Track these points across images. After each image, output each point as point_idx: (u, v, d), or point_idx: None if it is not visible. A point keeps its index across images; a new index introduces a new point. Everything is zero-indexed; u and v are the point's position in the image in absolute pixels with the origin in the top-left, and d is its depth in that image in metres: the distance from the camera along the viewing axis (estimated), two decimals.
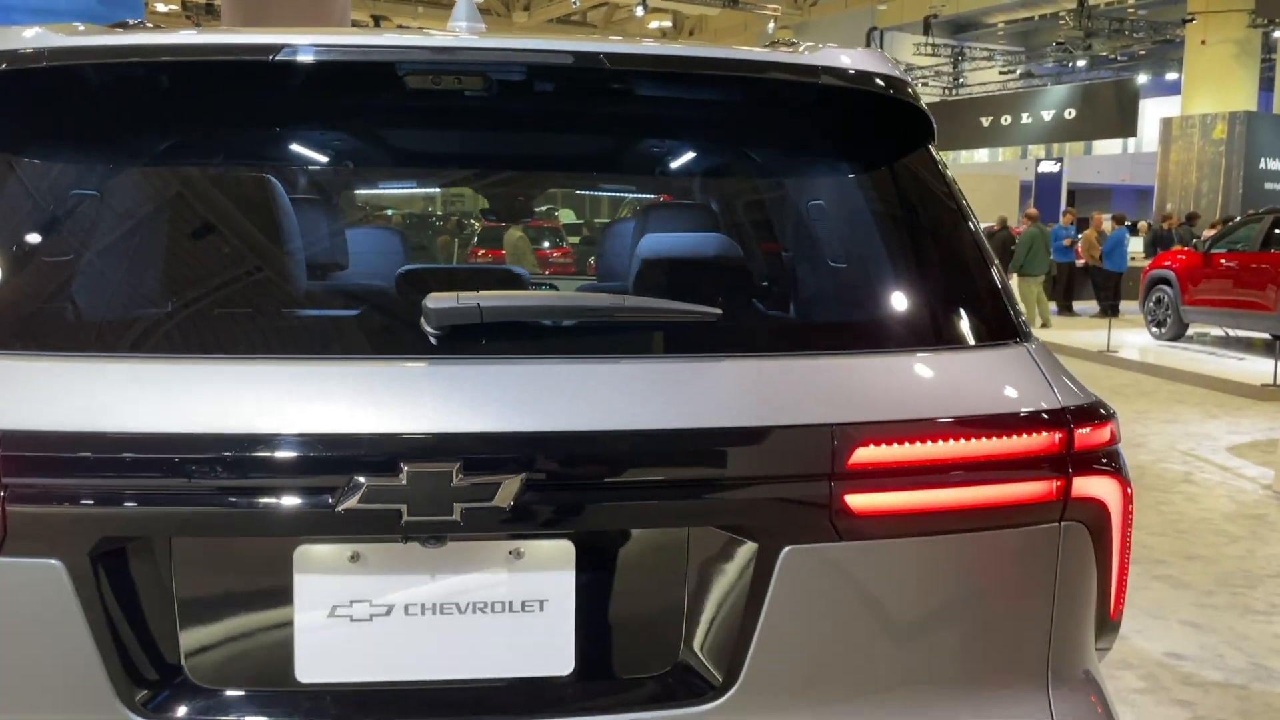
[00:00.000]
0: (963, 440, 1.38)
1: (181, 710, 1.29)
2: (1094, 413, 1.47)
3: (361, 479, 1.22)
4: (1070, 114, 30.51)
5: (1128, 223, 19.41)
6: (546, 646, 1.34)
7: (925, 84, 37.14)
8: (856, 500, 1.34)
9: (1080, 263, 18.97)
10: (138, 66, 1.43)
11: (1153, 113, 32.32)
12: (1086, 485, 1.45)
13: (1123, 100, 28.63)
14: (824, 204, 1.63)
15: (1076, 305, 19.40)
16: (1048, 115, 31.50)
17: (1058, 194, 37.54)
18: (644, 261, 1.70)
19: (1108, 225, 18.82)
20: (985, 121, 33.97)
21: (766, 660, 1.34)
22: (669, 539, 1.36)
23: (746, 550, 1.33)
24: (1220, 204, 22.68)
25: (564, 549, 1.33)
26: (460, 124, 1.63)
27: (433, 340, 1.31)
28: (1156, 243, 18.99)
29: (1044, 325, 16.96)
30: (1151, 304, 14.57)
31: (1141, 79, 31.76)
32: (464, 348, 1.32)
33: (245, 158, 1.60)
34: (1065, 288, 19.22)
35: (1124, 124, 29.02)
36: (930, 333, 1.48)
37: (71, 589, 1.24)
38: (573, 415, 1.28)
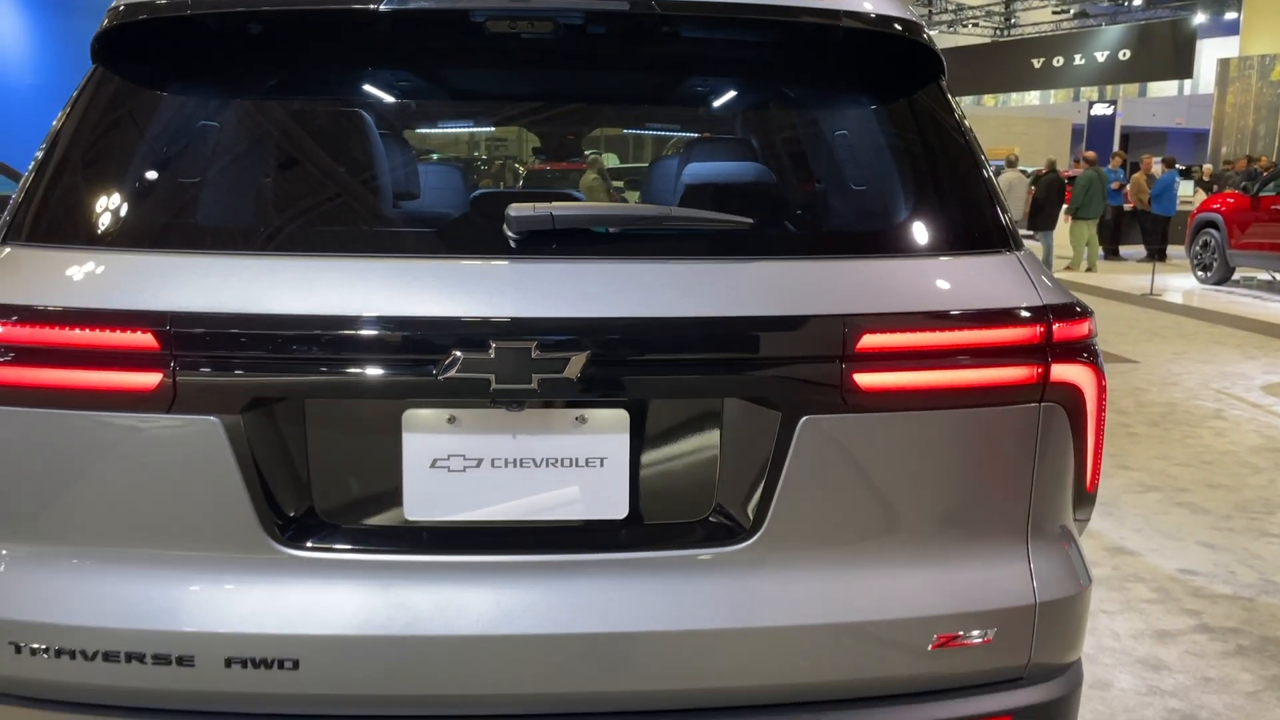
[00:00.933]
0: (954, 330, 1.64)
1: (312, 541, 1.60)
2: (1071, 310, 1.72)
3: (458, 354, 1.50)
4: (1125, 55, 29.96)
5: (1179, 166, 19.21)
6: (605, 496, 1.62)
7: (976, 24, 36.59)
8: (864, 379, 1.60)
9: (1128, 206, 18.85)
10: (261, 15, 1.70)
11: (1210, 53, 31.67)
12: (1063, 372, 1.70)
13: (1179, 40, 28.08)
14: (843, 132, 1.88)
15: (1123, 250, 19.30)
16: (1101, 56, 30.96)
17: (1111, 137, 36.94)
18: (687, 186, 1.97)
19: (1157, 169, 18.63)
20: (1037, 63, 33.44)
21: (787, 510, 1.62)
22: (707, 408, 1.64)
23: (771, 418, 1.61)
24: (1278, 147, 22.29)
25: (620, 416, 1.61)
26: (535, 64, 1.89)
27: (513, 244, 1.59)
28: (1215, 186, 18.75)
29: (1089, 269, 16.94)
30: (1198, 248, 14.54)
31: (1199, 18, 31.04)
32: (538, 249, 1.59)
33: (362, 94, 1.88)
34: (1112, 232, 19.11)
35: (1180, 65, 28.49)
36: (932, 241, 1.73)
37: (226, 441, 1.55)
38: (628, 304, 1.56)
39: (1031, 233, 17.42)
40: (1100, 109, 37.68)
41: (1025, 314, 1.67)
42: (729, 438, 1.64)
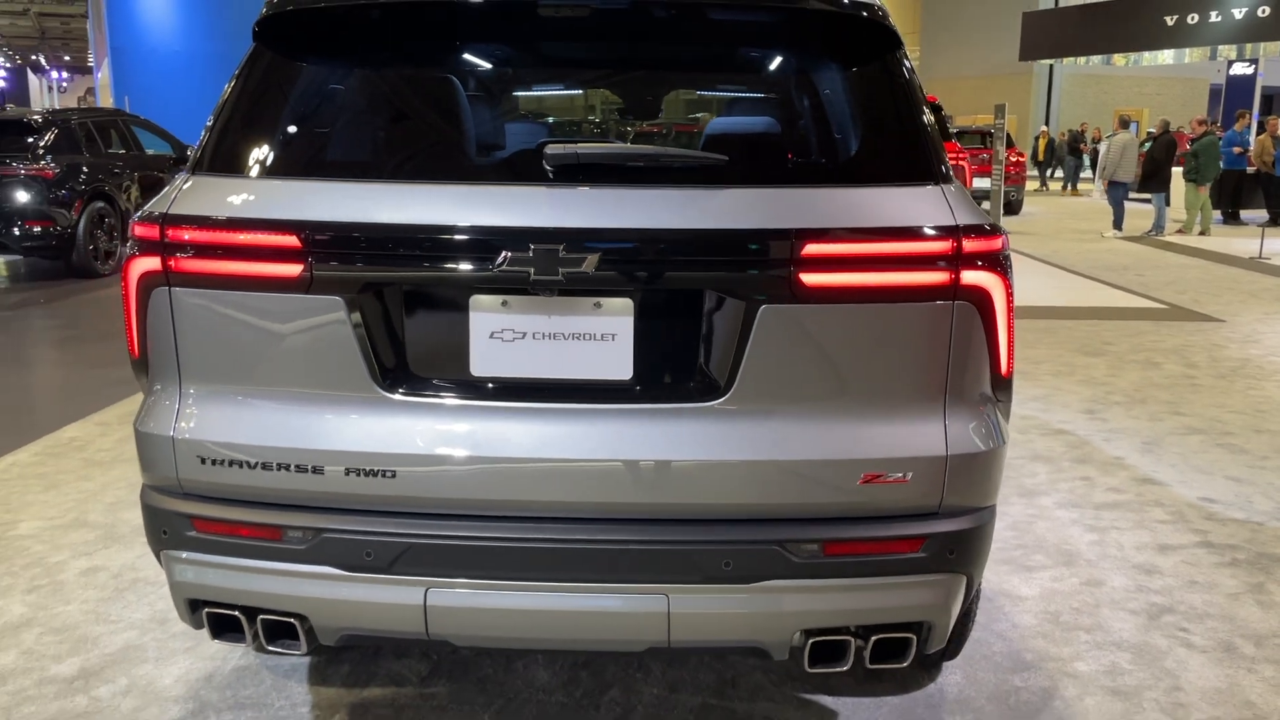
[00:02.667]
0: (879, 241, 2.15)
1: (404, 389, 2.22)
2: (980, 229, 2.22)
3: (507, 252, 2.10)
4: (1264, 11, 28.78)
5: None
6: (615, 362, 2.20)
7: None
8: (808, 277, 2.14)
9: (1251, 169, 18.42)
10: (379, 4, 2.32)
11: None
12: (972, 277, 2.20)
13: None
14: (812, 91, 2.41)
15: (1245, 214, 18.87)
16: (1239, 13, 29.79)
17: (1251, 98, 35.49)
18: (706, 137, 2.53)
19: None
20: (1170, 20, 32.33)
21: (751, 375, 2.17)
22: (691, 298, 2.19)
23: (739, 306, 2.15)
24: None
25: (626, 303, 2.19)
26: (580, 42, 2.46)
27: (550, 174, 2.18)
28: None
29: (1202, 233, 16.70)
30: None
31: None
32: (569, 178, 2.18)
33: (454, 65, 2.49)
34: (1233, 195, 18.70)
35: None
36: (869, 176, 2.25)
37: (346, 315, 2.18)
38: (631, 219, 2.12)
39: (1147, 196, 17.24)
40: (1239, 68, 36.21)
41: (938, 230, 2.18)
42: (708, 320, 2.20)
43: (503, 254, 2.11)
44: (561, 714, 2.93)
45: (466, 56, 2.48)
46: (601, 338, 2.20)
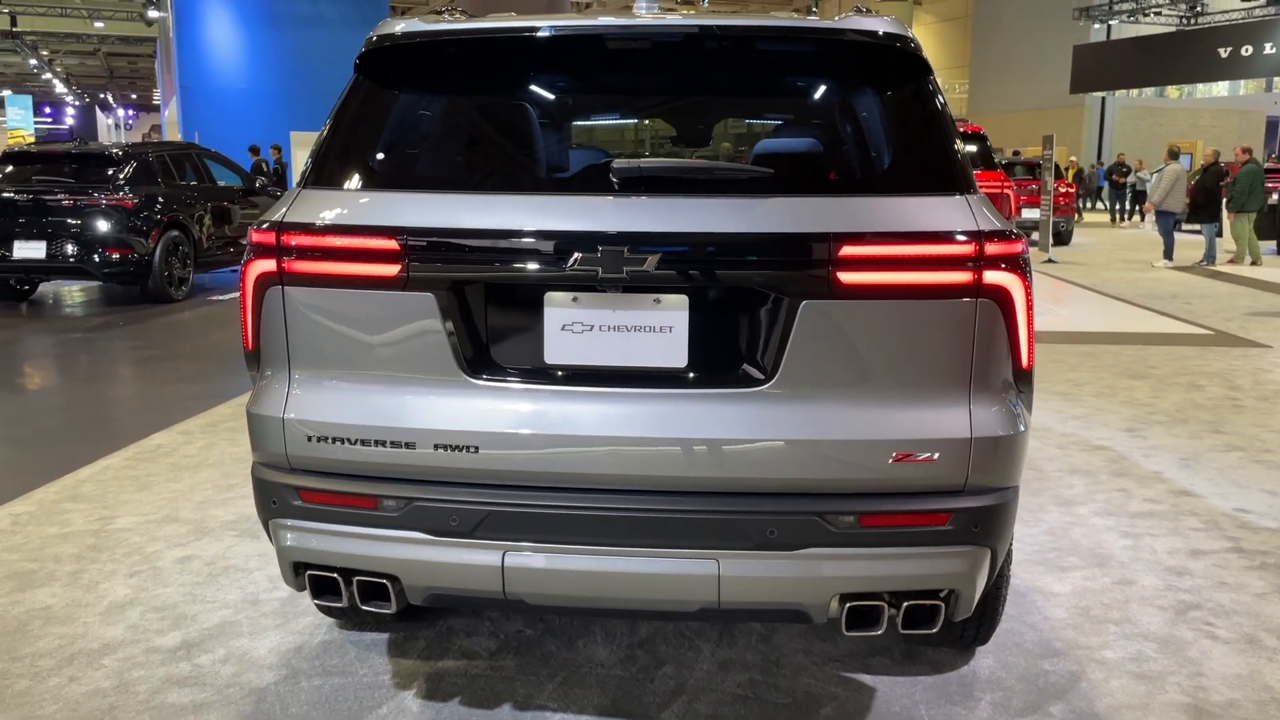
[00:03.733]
0: (909, 244, 2.42)
1: (487, 374, 2.52)
2: (1002, 234, 2.47)
3: (578, 254, 2.40)
4: None
5: None
6: (672, 352, 2.47)
7: (1159, 13, 35.43)
8: (845, 276, 2.40)
9: None
10: (460, 42, 2.65)
11: None
12: (993, 277, 2.45)
13: None
14: (852, 113, 2.70)
15: None
16: None
17: None
18: (755, 154, 2.82)
19: None
20: (1223, 52, 32.26)
21: (793, 364, 2.44)
22: (741, 295, 2.47)
23: (782, 302, 2.42)
24: None
25: (681, 299, 2.46)
26: (640, 73, 2.76)
27: (616, 186, 2.48)
28: None
29: (1254, 263, 16.67)
30: None
31: None
32: (633, 190, 2.47)
33: (528, 95, 2.81)
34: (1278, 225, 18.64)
35: None
36: (900, 186, 2.52)
37: (437, 309, 2.48)
38: (687, 224, 2.41)
39: (1196, 226, 17.24)
40: None
41: (962, 235, 2.44)
42: (754, 315, 2.47)
43: (574, 255, 2.40)
44: (620, 686, 3.18)
45: (539, 84, 2.80)
46: (660, 330, 2.48)
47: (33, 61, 43.68)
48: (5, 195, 11.42)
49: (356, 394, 2.56)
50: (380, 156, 2.66)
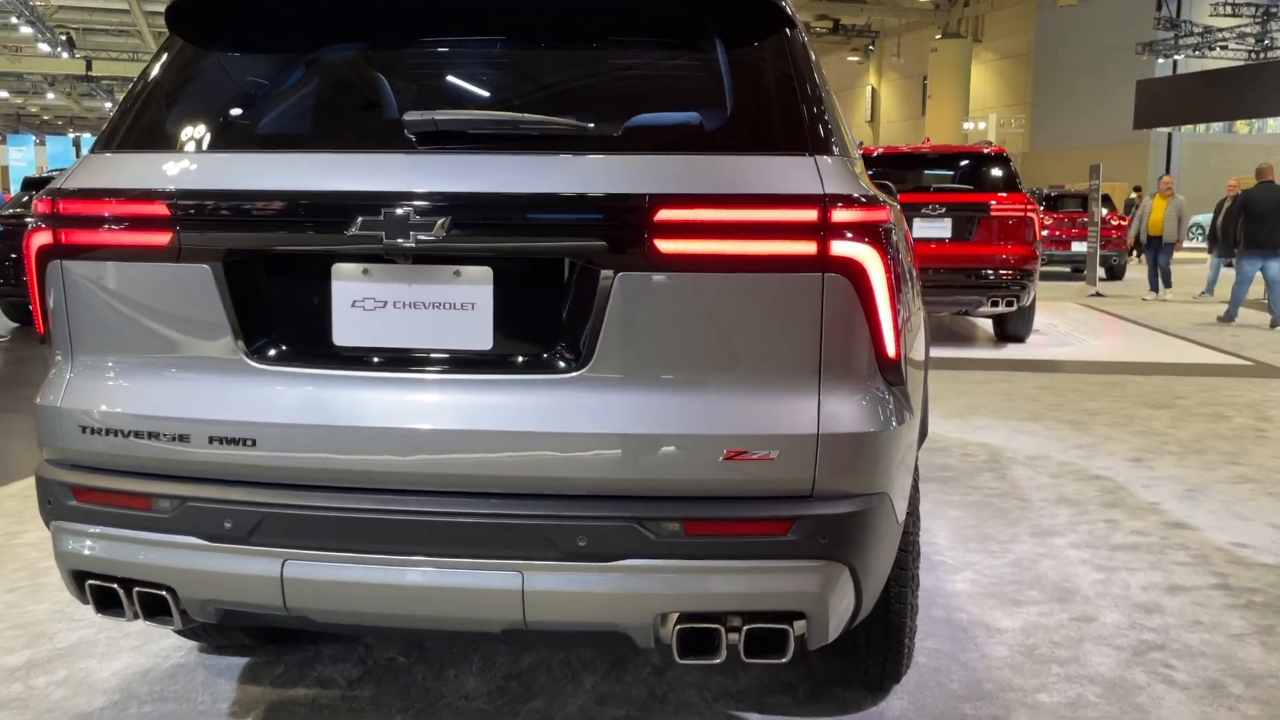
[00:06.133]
0: (737, 208, 2.09)
1: (269, 357, 2.23)
2: (851, 199, 2.13)
3: (362, 219, 2.10)
4: None
5: None
6: (475, 332, 2.17)
7: (1225, 47, 34.49)
8: (664, 244, 2.07)
9: None
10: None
11: None
12: (841, 248, 2.11)
13: None
14: (683, 60, 2.37)
15: None
16: None
17: None
18: (563, 102, 2.36)
19: None
20: None
21: (610, 346, 2.11)
22: (548, 267, 2.16)
23: (596, 274, 2.10)
24: None
25: (485, 271, 2.16)
26: (458, 15, 2.43)
27: (412, 142, 2.19)
28: None
29: None
30: None
31: None
32: (428, 146, 2.18)
33: (322, 47, 2.48)
34: None
35: None
36: (736, 143, 2.20)
37: (214, 282, 2.21)
38: (484, 183, 2.11)
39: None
40: None
41: (802, 198, 2.10)
42: (566, 290, 2.16)
43: (358, 220, 2.11)
44: (478, 719, 2.85)
45: (331, 34, 2.50)
46: (461, 307, 2.18)
47: (108, 104, 45.05)
48: None
49: (131, 380, 2.30)
50: (168, 117, 2.40)
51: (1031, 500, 5.02)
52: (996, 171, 10.25)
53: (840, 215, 2.11)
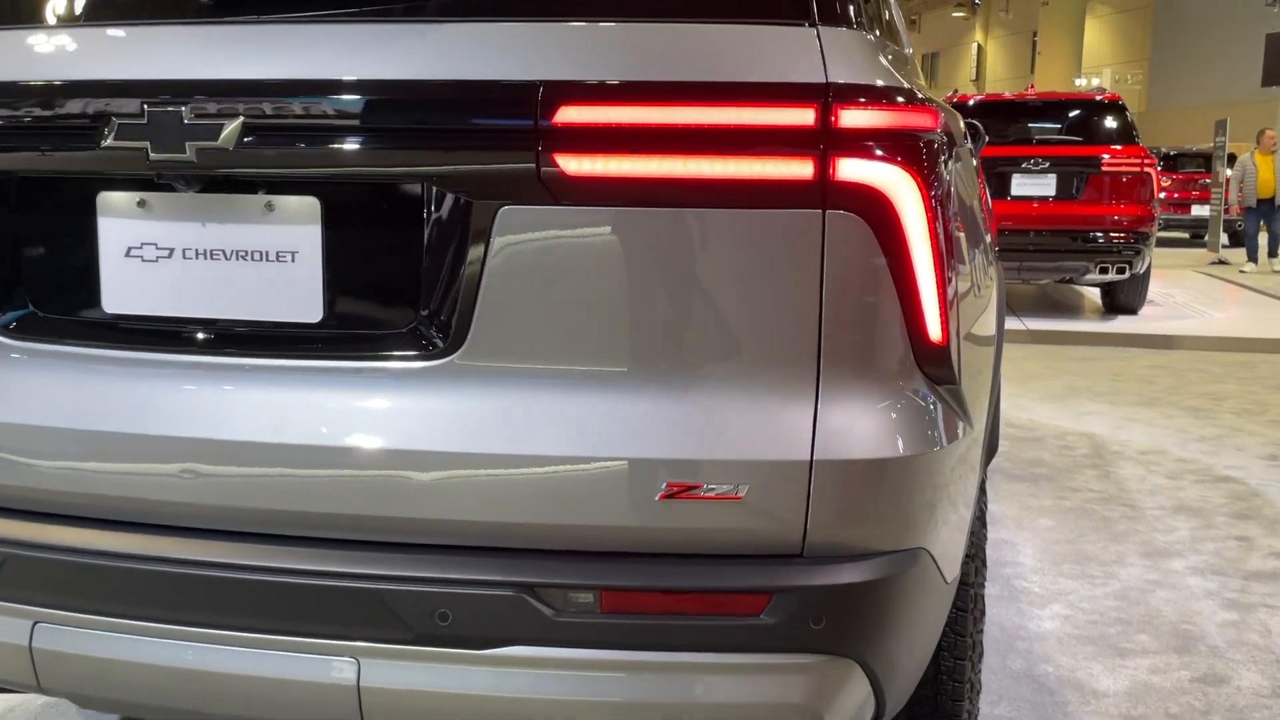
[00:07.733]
0: (692, 105, 1.33)
1: (14, 324, 1.53)
2: (874, 92, 1.35)
3: (121, 122, 1.40)
4: None
5: None
6: (298, 295, 1.45)
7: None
8: (569, 162, 1.33)
9: None
10: None
11: None
12: (856, 170, 1.33)
13: None
14: None
15: None
16: None
17: None
18: None
19: None
20: None
21: (491, 319, 1.38)
22: (402, 199, 1.42)
23: (468, 209, 1.36)
24: None
25: (309, 204, 1.44)
26: None
27: (204, 7, 1.47)
28: None
29: None
30: None
31: None
32: (226, 13, 1.46)
33: None
34: None
35: None
36: (690, 6, 1.42)
37: None
38: (291, 66, 1.38)
39: None
40: None
41: (792, 90, 1.32)
42: (429, 233, 1.42)
43: (113, 124, 1.40)
44: None
45: None
46: (278, 257, 1.46)
47: None
48: None
49: None
50: None
51: (1143, 509, 4.14)
52: (1110, 122, 9.15)
53: (853, 118, 1.33)
